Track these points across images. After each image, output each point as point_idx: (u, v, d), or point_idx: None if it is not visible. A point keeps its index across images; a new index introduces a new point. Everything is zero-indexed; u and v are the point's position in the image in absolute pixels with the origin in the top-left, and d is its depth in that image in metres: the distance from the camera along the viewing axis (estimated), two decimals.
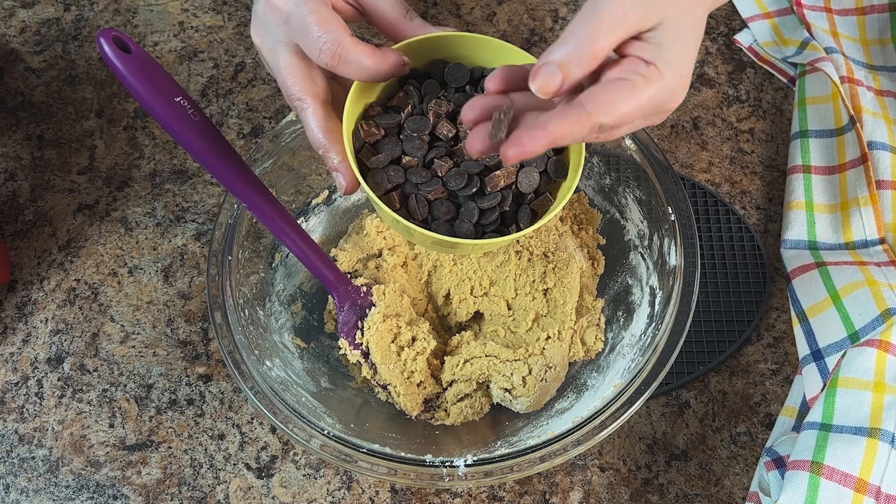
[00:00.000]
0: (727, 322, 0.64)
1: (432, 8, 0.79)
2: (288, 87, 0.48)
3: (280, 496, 0.59)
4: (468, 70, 0.50)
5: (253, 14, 0.49)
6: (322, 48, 0.45)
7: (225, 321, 0.55)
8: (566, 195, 0.48)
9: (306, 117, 0.48)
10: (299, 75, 0.47)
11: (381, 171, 0.48)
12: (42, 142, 0.72)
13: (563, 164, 0.49)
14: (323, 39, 0.45)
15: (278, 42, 0.48)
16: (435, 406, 0.59)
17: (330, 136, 0.47)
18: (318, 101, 0.47)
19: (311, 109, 0.47)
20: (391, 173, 0.48)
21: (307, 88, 0.47)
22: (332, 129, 0.47)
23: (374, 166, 0.48)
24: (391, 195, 0.48)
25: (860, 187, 0.66)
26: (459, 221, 0.48)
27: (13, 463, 0.60)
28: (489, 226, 0.48)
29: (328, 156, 0.48)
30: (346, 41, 0.45)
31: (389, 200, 0.47)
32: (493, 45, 0.50)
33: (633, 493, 0.59)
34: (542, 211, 0.49)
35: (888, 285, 0.60)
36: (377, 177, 0.48)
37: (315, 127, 0.47)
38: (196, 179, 0.71)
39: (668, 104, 0.42)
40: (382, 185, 0.48)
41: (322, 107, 0.48)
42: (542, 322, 0.60)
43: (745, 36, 0.77)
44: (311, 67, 0.48)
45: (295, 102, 0.48)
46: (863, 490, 0.50)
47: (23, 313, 0.66)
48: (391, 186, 0.48)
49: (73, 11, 0.79)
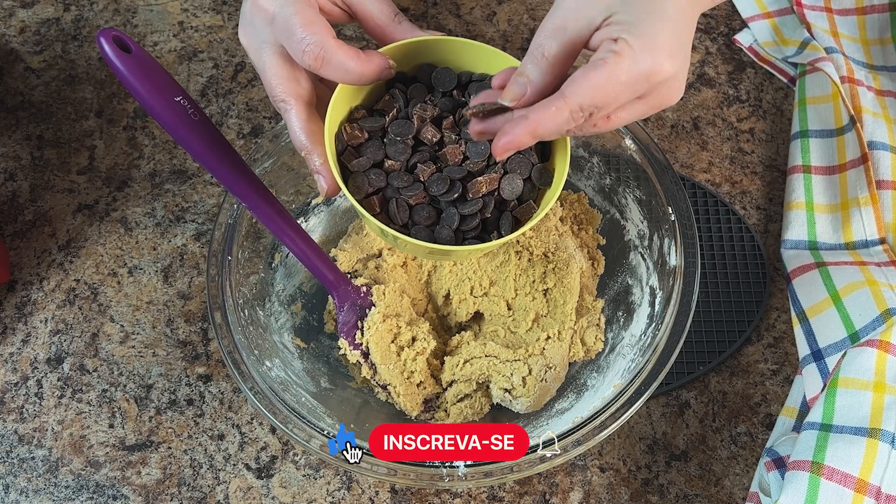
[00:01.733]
0: (727, 322, 0.64)
1: (432, 8, 0.79)
2: (272, 88, 0.48)
3: (280, 496, 0.59)
4: (456, 74, 0.50)
5: (241, 14, 0.49)
6: (305, 50, 0.45)
7: (225, 321, 0.54)
8: (549, 202, 0.47)
9: (289, 119, 0.48)
10: (284, 76, 0.48)
11: (363, 174, 0.48)
12: (42, 142, 0.72)
13: (547, 172, 0.49)
14: (307, 41, 0.45)
15: (264, 43, 0.48)
16: (435, 406, 0.59)
17: (312, 138, 0.47)
18: (301, 103, 0.48)
19: (295, 111, 0.48)
20: (372, 177, 0.48)
21: (291, 90, 0.48)
22: (315, 131, 0.48)
23: (356, 170, 0.48)
24: (371, 199, 0.47)
25: (860, 187, 0.66)
26: (440, 227, 0.47)
27: (13, 463, 0.60)
28: (469, 232, 0.48)
29: (310, 158, 0.48)
30: (330, 43, 0.45)
31: (369, 205, 0.47)
32: (481, 49, 0.49)
33: (633, 493, 0.59)
34: (525, 218, 0.48)
35: (888, 285, 0.60)
36: (358, 180, 0.48)
37: (298, 129, 0.48)
38: (196, 179, 0.71)
39: (653, 76, 0.41)
40: (363, 188, 0.47)
41: (305, 108, 0.48)
42: (542, 322, 0.60)
43: (746, 36, 0.77)
44: (296, 69, 0.48)
45: (279, 104, 0.48)
46: (863, 490, 0.50)
47: (23, 313, 0.66)
48: (372, 190, 0.48)
49: (72, 11, 0.79)
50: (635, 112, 0.43)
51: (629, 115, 0.43)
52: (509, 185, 0.48)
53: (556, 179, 0.49)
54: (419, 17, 0.78)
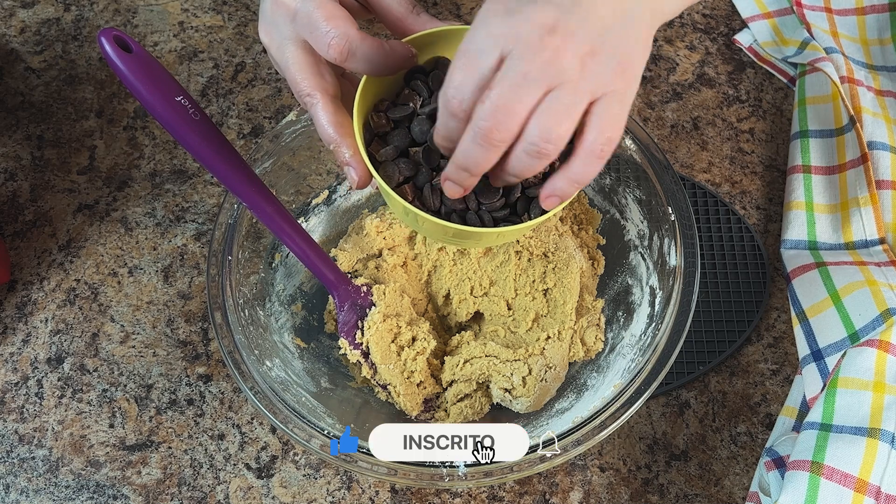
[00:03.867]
0: (727, 322, 0.64)
1: (432, 8, 0.79)
2: (297, 83, 0.47)
3: (280, 496, 0.59)
4: None
5: (260, 13, 0.49)
6: (331, 43, 0.45)
7: (225, 321, 0.54)
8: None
9: (316, 112, 0.47)
10: (308, 71, 0.47)
11: (392, 163, 0.47)
12: (42, 142, 0.72)
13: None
14: (331, 35, 0.45)
15: (286, 39, 0.47)
16: (435, 406, 0.59)
17: (340, 130, 0.47)
18: (327, 96, 0.47)
19: (321, 104, 0.47)
20: (402, 165, 0.47)
21: (316, 84, 0.47)
22: (343, 122, 0.47)
23: (384, 159, 0.48)
24: (404, 187, 0.47)
25: (860, 187, 0.66)
26: (470, 212, 0.47)
27: (13, 463, 0.60)
28: (499, 213, 0.48)
29: (339, 150, 0.47)
30: (355, 35, 0.45)
31: (402, 192, 0.47)
32: None
33: (633, 493, 0.59)
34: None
35: (888, 285, 0.60)
36: (388, 169, 0.47)
37: (325, 122, 0.47)
38: (196, 179, 0.71)
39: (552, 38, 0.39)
40: (394, 177, 0.47)
41: (332, 101, 0.47)
42: (542, 322, 0.60)
43: (745, 36, 0.77)
44: (320, 63, 0.48)
45: (304, 98, 0.48)
46: (863, 490, 0.50)
47: (23, 313, 0.66)
48: (402, 179, 0.47)
49: (73, 11, 0.79)
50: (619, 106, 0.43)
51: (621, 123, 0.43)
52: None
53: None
54: None
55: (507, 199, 0.47)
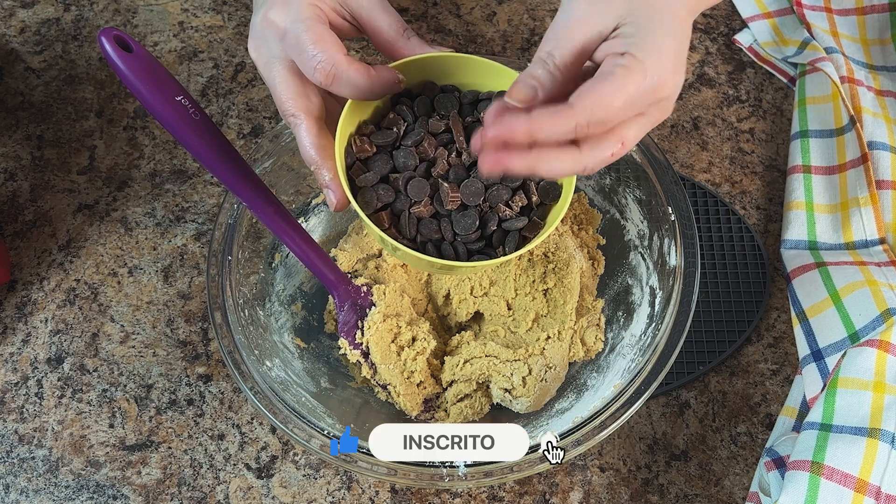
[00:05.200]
0: (727, 322, 0.64)
1: (432, 8, 0.79)
2: (282, 103, 0.48)
3: (280, 496, 0.59)
4: (458, 98, 0.50)
5: (251, 28, 0.49)
6: (317, 67, 0.46)
7: (225, 321, 0.55)
8: (556, 220, 0.47)
9: (299, 133, 0.48)
10: (294, 92, 0.48)
11: (371, 189, 0.48)
12: (42, 142, 0.72)
13: (555, 188, 0.49)
14: (318, 58, 0.46)
15: (274, 57, 0.48)
16: (435, 406, 0.59)
17: (322, 152, 0.48)
18: (311, 118, 0.48)
19: (305, 126, 0.48)
20: (381, 192, 0.48)
21: (301, 105, 0.48)
22: (325, 145, 0.48)
23: (364, 184, 0.48)
24: (381, 214, 0.48)
25: (860, 187, 0.66)
26: (445, 243, 0.48)
27: (13, 463, 0.60)
28: (473, 245, 0.48)
29: (320, 172, 0.48)
30: (341, 60, 0.46)
31: (379, 220, 0.47)
32: (489, 66, 0.50)
33: (633, 493, 0.59)
34: (533, 235, 0.48)
35: (888, 285, 0.60)
36: (367, 195, 0.48)
37: (308, 143, 0.48)
38: (196, 179, 0.71)
39: (658, 91, 0.41)
40: (372, 203, 0.48)
41: (315, 123, 0.48)
42: (542, 322, 0.60)
43: (745, 36, 0.77)
44: (306, 84, 0.48)
45: (289, 118, 0.48)
46: (863, 490, 0.50)
47: (23, 313, 0.66)
48: (381, 206, 0.48)
49: (72, 11, 0.79)
50: (641, 129, 0.42)
51: (637, 134, 0.42)
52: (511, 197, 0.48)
53: (563, 196, 0.49)
54: (419, 18, 0.78)
55: (482, 232, 0.48)
